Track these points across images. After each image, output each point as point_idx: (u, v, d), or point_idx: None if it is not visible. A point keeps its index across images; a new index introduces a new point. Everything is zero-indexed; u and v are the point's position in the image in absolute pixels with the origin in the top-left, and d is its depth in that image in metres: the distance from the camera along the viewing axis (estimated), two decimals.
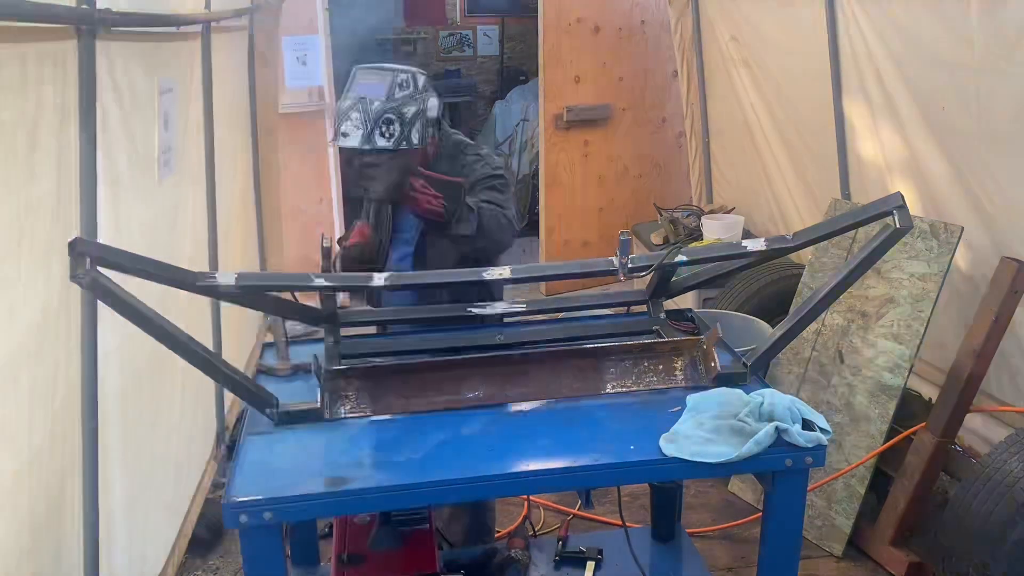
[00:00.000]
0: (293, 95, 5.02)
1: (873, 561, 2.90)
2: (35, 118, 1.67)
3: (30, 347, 1.68)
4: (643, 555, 2.46)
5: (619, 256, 1.96)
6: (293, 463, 1.71)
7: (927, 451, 2.74)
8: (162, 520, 2.67)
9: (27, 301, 1.66)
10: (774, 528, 1.84)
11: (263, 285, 2.10)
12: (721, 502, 3.29)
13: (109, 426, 2.08)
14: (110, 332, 2.03)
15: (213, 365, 1.80)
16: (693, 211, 4.65)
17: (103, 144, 1.99)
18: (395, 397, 1.89)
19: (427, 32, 7.94)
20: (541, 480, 1.72)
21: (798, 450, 1.72)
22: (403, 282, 2.07)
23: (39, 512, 1.73)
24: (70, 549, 1.88)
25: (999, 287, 2.63)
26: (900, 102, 3.20)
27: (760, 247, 2.01)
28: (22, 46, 1.59)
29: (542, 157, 5.47)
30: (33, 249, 1.67)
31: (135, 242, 2.23)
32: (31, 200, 1.66)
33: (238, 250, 4.01)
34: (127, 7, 2.08)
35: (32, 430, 1.70)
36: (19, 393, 1.64)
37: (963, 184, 2.95)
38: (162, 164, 2.55)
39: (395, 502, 1.74)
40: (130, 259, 1.71)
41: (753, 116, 4.32)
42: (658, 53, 5.56)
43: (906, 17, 3.10)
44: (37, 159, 1.68)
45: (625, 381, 1.97)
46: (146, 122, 2.40)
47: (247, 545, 1.63)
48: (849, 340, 3.06)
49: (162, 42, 2.61)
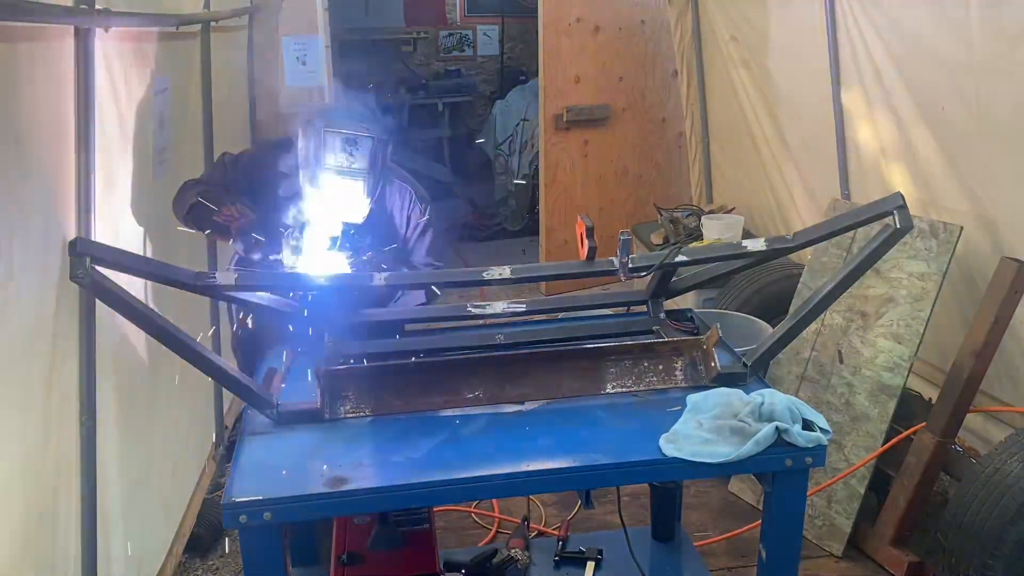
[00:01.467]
0: (293, 95, 5.01)
1: (873, 561, 2.89)
2: (35, 117, 1.67)
3: (24, 346, 1.67)
4: (643, 555, 2.46)
5: (619, 256, 1.96)
6: (293, 463, 1.70)
7: (927, 451, 2.74)
8: (160, 520, 2.67)
9: (21, 300, 1.65)
10: (774, 528, 1.84)
11: (263, 285, 2.10)
12: (721, 502, 3.29)
13: (107, 425, 2.08)
14: (107, 332, 2.03)
15: (212, 365, 1.80)
16: (693, 211, 4.64)
17: (100, 143, 1.99)
18: (395, 397, 1.89)
19: (427, 32, 7.94)
20: (541, 480, 1.71)
21: (798, 450, 1.72)
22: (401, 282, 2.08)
23: (34, 512, 1.72)
24: (67, 549, 1.88)
25: (999, 287, 2.63)
26: (900, 102, 3.20)
27: (760, 247, 2.01)
28: (20, 45, 1.59)
29: (542, 157, 5.46)
30: (26, 248, 1.66)
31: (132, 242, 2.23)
32: (24, 199, 1.65)
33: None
34: (125, 7, 2.07)
35: (26, 430, 1.69)
36: (12, 393, 1.64)
37: (963, 184, 2.95)
38: (158, 163, 2.55)
39: (395, 502, 1.74)
40: (130, 259, 1.71)
41: (753, 116, 4.31)
42: (658, 53, 5.55)
43: (906, 17, 3.10)
44: (32, 158, 1.68)
45: (625, 381, 1.97)
46: (143, 121, 2.40)
47: (247, 545, 1.63)
48: (849, 340, 3.06)
49: (161, 42, 2.61)
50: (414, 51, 7.97)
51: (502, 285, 2.01)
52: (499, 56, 8.09)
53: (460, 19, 8.02)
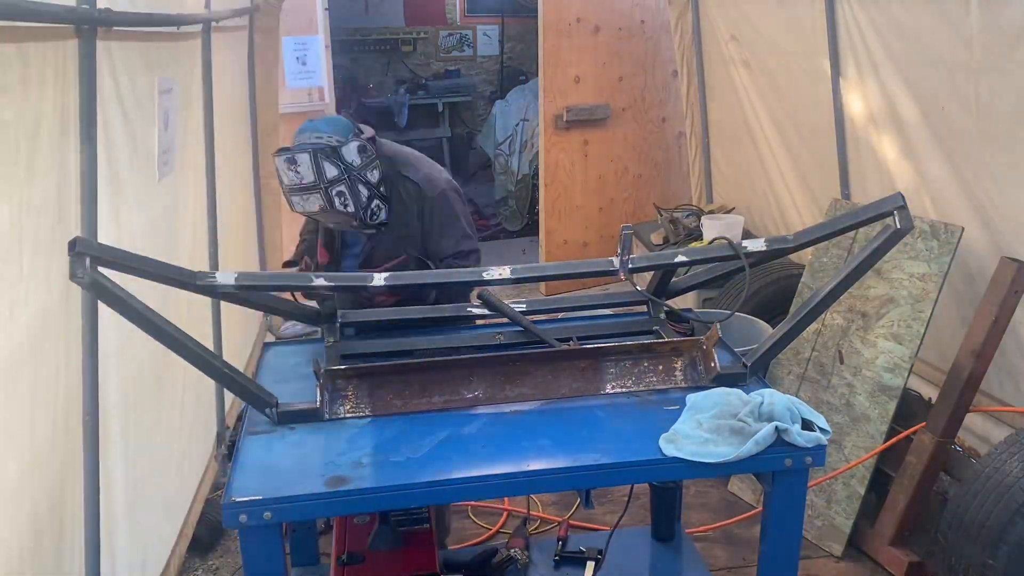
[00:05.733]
0: (293, 95, 5.02)
1: (873, 561, 2.89)
2: (36, 118, 1.67)
3: (31, 347, 1.68)
4: (643, 555, 2.47)
5: (620, 252, 1.96)
6: (293, 463, 1.71)
7: (927, 451, 2.74)
8: (163, 520, 2.67)
9: (28, 301, 1.66)
10: (774, 528, 1.84)
11: (263, 285, 2.10)
12: (721, 502, 3.29)
13: (110, 426, 2.08)
14: (111, 332, 2.03)
15: (213, 365, 1.80)
16: (693, 211, 4.64)
17: (103, 144, 2.00)
18: (394, 397, 1.89)
19: (427, 32, 7.94)
20: (541, 480, 1.72)
21: (798, 450, 1.72)
22: (402, 282, 2.08)
23: (40, 512, 1.73)
24: (71, 549, 1.88)
25: (999, 287, 2.63)
26: (900, 102, 3.20)
27: (760, 247, 2.01)
28: (22, 46, 1.59)
29: (542, 157, 5.47)
30: (35, 249, 1.66)
31: (135, 242, 2.23)
32: (32, 200, 1.66)
33: (238, 250, 4.01)
34: (127, 7, 2.08)
35: (33, 430, 1.70)
36: (20, 393, 1.64)
37: (963, 184, 2.95)
38: (161, 164, 2.55)
39: (395, 502, 1.74)
40: (130, 259, 1.71)
41: (753, 116, 4.31)
42: (658, 53, 5.55)
43: (906, 17, 3.10)
44: (38, 159, 1.68)
45: (625, 381, 1.97)
46: (146, 122, 2.40)
47: (247, 545, 1.63)
48: (849, 340, 3.06)
49: (162, 42, 2.61)
50: (414, 51, 7.97)
51: (502, 285, 2.01)
52: (499, 56, 8.10)
53: (460, 19, 8.03)
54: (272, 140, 4.57)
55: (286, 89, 4.94)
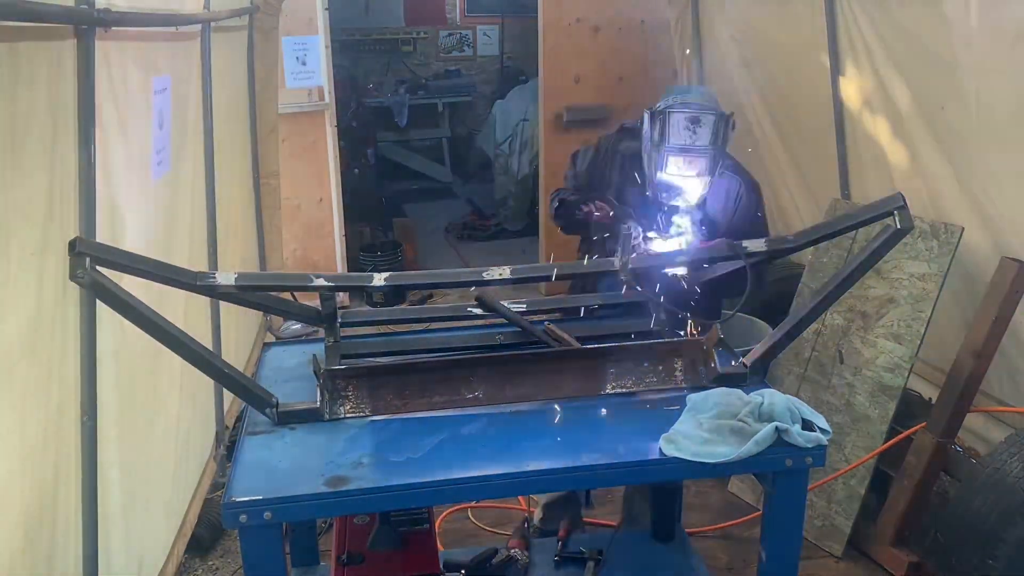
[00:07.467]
0: (293, 95, 5.02)
1: (873, 561, 2.89)
2: (31, 117, 1.66)
3: (23, 346, 1.67)
4: (643, 555, 2.47)
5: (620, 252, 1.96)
6: (293, 463, 1.70)
7: (927, 451, 2.74)
8: (161, 520, 2.67)
9: (19, 301, 1.65)
10: (774, 528, 1.84)
11: (263, 285, 2.10)
12: (721, 502, 3.29)
13: (108, 426, 2.08)
14: (108, 332, 2.02)
15: (212, 365, 1.80)
16: None
17: (99, 143, 1.99)
18: (394, 397, 1.89)
19: (427, 32, 7.94)
20: (541, 480, 1.72)
21: (798, 450, 1.72)
22: (402, 282, 2.08)
23: (33, 512, 1.72)
24: (66, 549, 1.87)
25: (999, 287, 2.63)
26: (900, 102, 3.20)
27: (760, 247, 2.01)
28: (20, 45, 1.59)
29: (542, 157, 5.46)
30: (24, 248, 1.66)
31: (132, 242, 2.23)
32: (21, 199, 1.65)
33: (238, 250, 4.00)
34: (126, 7, 2.07)
35: (25, 429, 1.69)
36: (12, 392, 1.63)
37: (963, 184, 2.95)
38: (156, 164, 2.55)
39: (395, 502, 1.74)
40: (130, 259, 1.71)
41: (753, 116, 4.31)
42: (658, 53, 5.55)
43: (906, 17, 3.10)
44: (32, 158, 1.67)
45: (625, 381, 1.97)
46: (142, 121, 2.40)
47: (247, 545, 1.63)
48: (849, 340, 3.06)
49: (161, 42, 2.61)
50: (414, 51, 7.98)
51: (502, 285, 2.01)
52: (499, 56, 8.10)
53: (460, 19, 8.03)
54: (271, 140, 4.57)
55: (286, 89, 4.95)
